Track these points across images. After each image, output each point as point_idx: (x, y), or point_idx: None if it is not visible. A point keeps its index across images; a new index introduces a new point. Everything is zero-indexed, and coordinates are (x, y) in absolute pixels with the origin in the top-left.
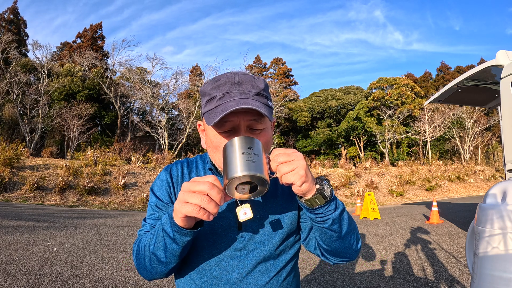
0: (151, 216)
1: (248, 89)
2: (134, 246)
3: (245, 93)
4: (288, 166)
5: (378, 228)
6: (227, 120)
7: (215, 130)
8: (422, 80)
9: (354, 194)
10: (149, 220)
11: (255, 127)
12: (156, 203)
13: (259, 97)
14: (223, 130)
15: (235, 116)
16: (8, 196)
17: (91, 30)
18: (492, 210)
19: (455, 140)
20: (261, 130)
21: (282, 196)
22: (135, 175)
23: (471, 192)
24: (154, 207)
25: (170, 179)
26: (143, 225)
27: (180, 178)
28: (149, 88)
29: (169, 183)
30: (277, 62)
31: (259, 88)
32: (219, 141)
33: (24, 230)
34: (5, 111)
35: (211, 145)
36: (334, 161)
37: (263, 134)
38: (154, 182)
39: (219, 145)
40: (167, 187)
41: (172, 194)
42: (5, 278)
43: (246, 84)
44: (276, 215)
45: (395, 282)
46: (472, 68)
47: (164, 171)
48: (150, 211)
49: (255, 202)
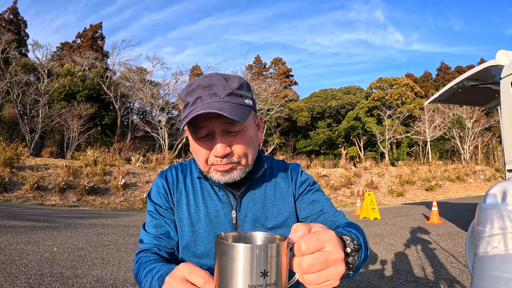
0: (151, 223)
1: (219, 91)
2: (134, 266)
3: (216, 96)
4: (321, 276)
5: (378, 228)
6: (201, 126)
7: (192, 137)
8: (422, 80)
9: (354, 194)
10: (148, 227)
11: (230, 130)
12: (156, 209)
13: (231, 97)
14: (199, 136)
15: (208, 121)
16: (8, 196)
17: (91, 30)
18: (492, 210)
19: (455, 140)
20: (238, 132)
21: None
22: (135, 175)
23: (471, 192)
24: (154, 213)
25: (166, 185)
26: (143, 235)
27: (176, 183)
28: (149, 88)
29: (166, 189)
30: (277, 62)
31: (231, 87)
32: (198, 148)
33: (24, 230)
34: (5, 111)
35: (193, 151)
36: (334, 161)
37: (241, 135)
38: (151, 189)
39: (198, 152)
40: (164, 194)
41: (170, 200)
42: (5, 278)
43: (217, 86)
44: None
45: (395, 282)
46: (472, 68)
47: (160, 177)
48: (149, 218)
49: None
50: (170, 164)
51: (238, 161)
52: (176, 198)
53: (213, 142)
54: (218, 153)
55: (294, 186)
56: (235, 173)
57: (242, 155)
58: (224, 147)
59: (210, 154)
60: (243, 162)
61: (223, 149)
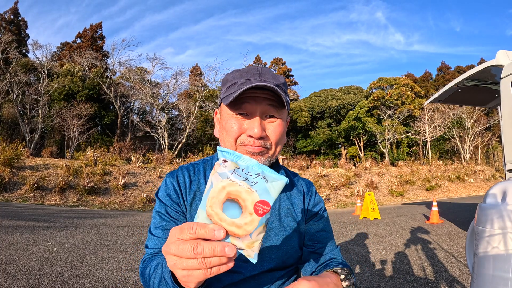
0: (159, 225)
1: (269, 80)
2: (140, 266)
3: (265, 82)
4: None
5: (378, 228)
6: (245, 102)
7: (231, 110)
8: (422, 80)
9: (354, 194)
10: (156, 230)
11: (272, 113)
12: (166, 210)
13: (278, 88)
14: (238, 111)
15: (253, 100)
16: (8, 196)
17: (91, 30)
18: (492, 210)
19: (455, 140)
20: (276, 120)
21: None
22: (135, 175)
23: (471, 192)
24: (164, 215)
25: (177, 186)
26: (149, 239)
27: (189, 185)
28: (149, 88)
29: (177, 191)
30: (277, 62)
31: (279, 81)
32: (232, 124)
33: (24, 230)
34: (5, 111)
35: (223, 128)
36: (334, 161)
37: (277, 124)
38: (159, 189)
39: (230, 129)
40: (176, 196)
41: (182, 203)
42: (5, 278)
43: (267, 75)
44: (278, 248)
45: (395, 282)
46: (472, 68)
47: (170, 177)
48: (157, 219)
49: None
50: (170, 164)
51: (269, 147)
52: (189, 201)
53: (250, 122)
54: (256, 133)
55: (307, 204)
56: (263, 158)
57: (274, 143)
58: (261, 129)
59: (243, 134)
60: (271, 151)
61: (260, 130)
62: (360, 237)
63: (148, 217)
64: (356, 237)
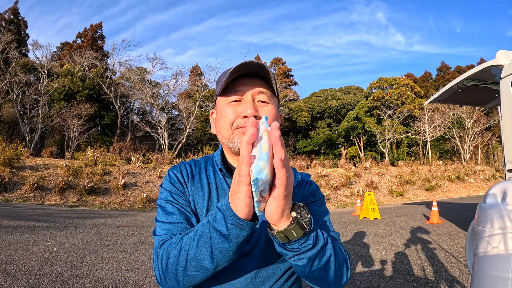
0: (165, 210)
1: (260, 70)
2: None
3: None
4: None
5: (378, 228)
6: (237, 90)
7: (224, 99)
8: (422, 80)
9: (354, 194)
10: (162, 217)
11: (262, 99)
12: (171, 195)
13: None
14: (232, 99)
15: (245, 85)
16: (8, 196)
17: (91, 30)
18: (492, 210)
19: (455, 140)
20: (269, 104)
21: None
22: (135, 175)
23: (471, 192)
24: (171, 200)
25: (181, 176)
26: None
27: (191, 177)
28: (149, 88)
29: (181, 181)
30: (277, 62)
31: (268, 73)
32: (226, 112)
33: (24, 230)
34: (5, 111)
35: (220, 119)
36: (334, 161)
37: (271, 108)
38: (164, 181)
39: (225, 116)
40: (179, 184)
41: (186, 192)
42: (5, 278)
43: (257, 67)
44: None
45: (395, 282)
46: (472, 68)
47: (173, 169)
48: (163, 206)
49: None
50: (170, 164)
51: None
52: (192, 192)
53: (243, 104)
54: (249, 113)
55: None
56: None
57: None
58: (255, 109)
59: (238, 118)
60: None
61: (254, 110)
62: (360, 237)
63: (148, 217)
64: (356, 237)
